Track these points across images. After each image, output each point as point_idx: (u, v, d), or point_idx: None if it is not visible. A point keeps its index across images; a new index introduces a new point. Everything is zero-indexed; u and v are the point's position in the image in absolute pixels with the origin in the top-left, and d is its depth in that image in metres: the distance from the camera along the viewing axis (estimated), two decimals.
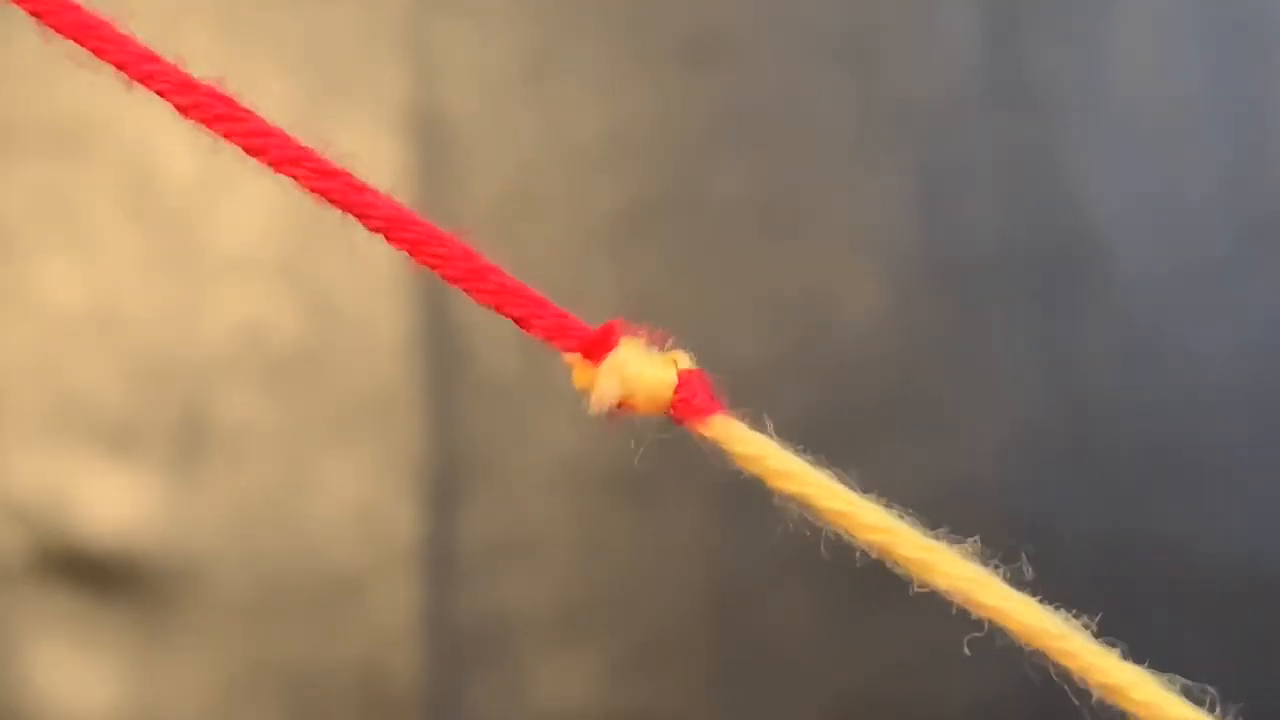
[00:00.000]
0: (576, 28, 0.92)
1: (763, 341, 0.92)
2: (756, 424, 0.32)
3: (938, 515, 0.32)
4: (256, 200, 0.89)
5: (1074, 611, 0.31)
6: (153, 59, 0.31)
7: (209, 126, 0.31)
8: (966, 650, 0.32)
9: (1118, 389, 0.94)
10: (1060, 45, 0.95)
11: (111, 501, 0.89)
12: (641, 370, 0.32)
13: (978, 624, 0.32)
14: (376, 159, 0.89)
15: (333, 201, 0.32)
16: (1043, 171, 0.94)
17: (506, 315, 0.32)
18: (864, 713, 0.92)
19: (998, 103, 0.94)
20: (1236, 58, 0.96)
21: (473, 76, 0.91)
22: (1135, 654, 0.31)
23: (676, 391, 0.32)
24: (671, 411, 0.32)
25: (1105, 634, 0.31)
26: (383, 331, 0.90)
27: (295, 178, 0.31)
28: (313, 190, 0.31)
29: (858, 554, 0.32)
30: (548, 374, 0.88)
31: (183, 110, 0.31)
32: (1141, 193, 0.95)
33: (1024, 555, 0.31)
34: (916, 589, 0.32)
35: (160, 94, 0.31)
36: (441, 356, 0.90)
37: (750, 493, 0.33)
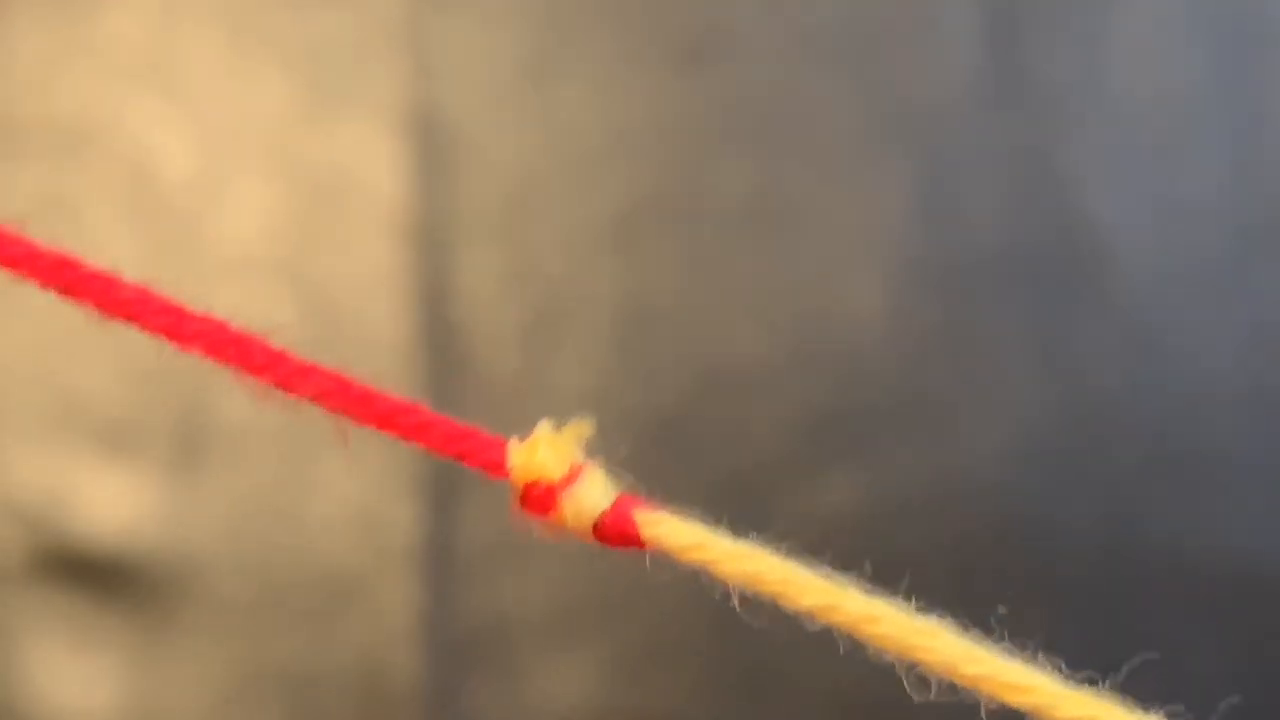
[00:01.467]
0: (576, 28, 0.92)
1: (763, 341, 0.92)
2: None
3: (938, 515, 0.32)
4: (256, 200, 0.89)
5: (1074, 612, 0.31)
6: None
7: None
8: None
9: (1118, 389, 0.94)
10: (1060, 45, 0.95)
11: (111, 501, 0.89)
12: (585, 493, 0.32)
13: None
14: (376, 159, 0.89)
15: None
16: (1043, 172, 0.94)
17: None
18: (864, 713, 0.92)
19: (998, 103, 0.94)
20: (1236, 58, 0.96)
21: (473, 76, 0.91)
22: (1135, 654, 0.31)
23: (607, 512, 0.32)
24: (601, 529, 0.32)
25: (1105, 634, 0.31)
26: (383, 331, 0.90)
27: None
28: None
29: (856, 554, 0.32)
30: (548, 374, 0.88)
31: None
32: (1141, 193, 0.95)
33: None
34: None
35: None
36: (441, 356, 0.90)
37: (750, 492, 0.33)
